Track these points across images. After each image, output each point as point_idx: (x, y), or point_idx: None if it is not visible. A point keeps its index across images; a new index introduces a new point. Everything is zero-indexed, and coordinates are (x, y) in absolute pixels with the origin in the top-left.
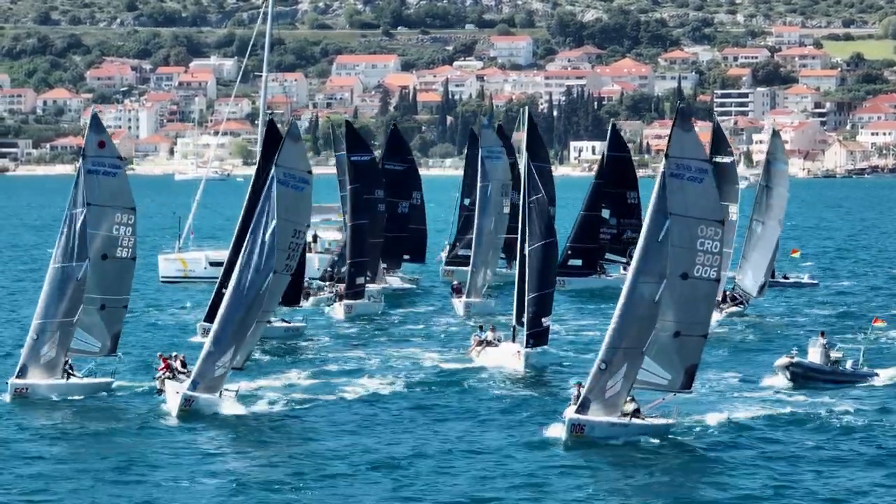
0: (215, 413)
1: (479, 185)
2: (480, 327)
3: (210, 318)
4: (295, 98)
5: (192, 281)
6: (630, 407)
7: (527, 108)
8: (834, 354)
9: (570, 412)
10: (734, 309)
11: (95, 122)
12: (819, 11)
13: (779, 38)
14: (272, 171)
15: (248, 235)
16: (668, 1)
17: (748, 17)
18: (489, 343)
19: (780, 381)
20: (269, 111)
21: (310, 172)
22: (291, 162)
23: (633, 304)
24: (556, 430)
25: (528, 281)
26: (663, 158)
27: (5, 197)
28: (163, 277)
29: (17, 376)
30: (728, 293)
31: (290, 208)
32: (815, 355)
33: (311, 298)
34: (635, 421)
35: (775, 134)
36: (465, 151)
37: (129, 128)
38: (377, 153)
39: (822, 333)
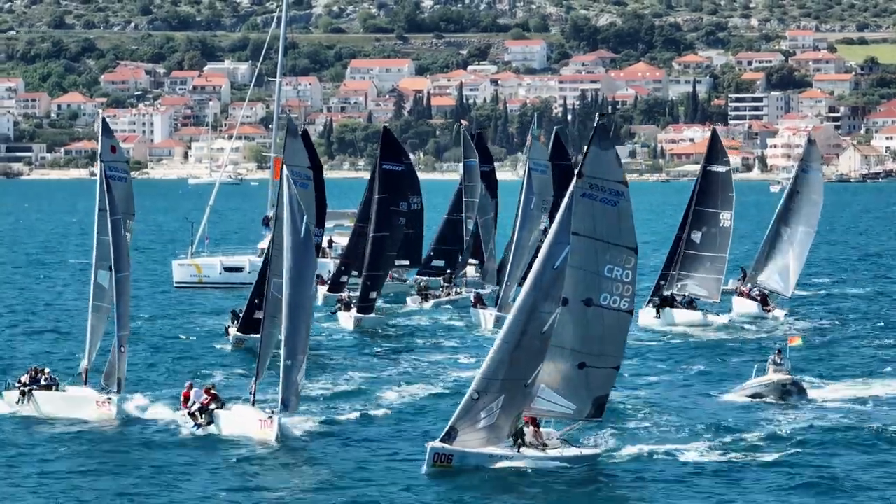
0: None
1: (521, 196)
2: None
3: (244, 328)
4: (309, 102)
5: (207, 287)
6: (526, 437)
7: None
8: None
9: (435, 441)
10: (777, 311)
11: (105, 126)
12: (833, 15)
13: (793, 42)
14: (283, 170)
15: (284, 240)
16: (682, 5)
17: (762, 21)
18: None
19: (771, 399)
20: (283, 115)
21: (310, 168)
22: (295, 159)
23: (519, 333)
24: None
25: None
26: (575, 178)
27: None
28: (177, 283)
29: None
30: (758, 294)
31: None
32: (778, 373)
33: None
34: (527, 451)
35: (811, 141)
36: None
37: (144, 132)
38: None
39: (779, 352)
